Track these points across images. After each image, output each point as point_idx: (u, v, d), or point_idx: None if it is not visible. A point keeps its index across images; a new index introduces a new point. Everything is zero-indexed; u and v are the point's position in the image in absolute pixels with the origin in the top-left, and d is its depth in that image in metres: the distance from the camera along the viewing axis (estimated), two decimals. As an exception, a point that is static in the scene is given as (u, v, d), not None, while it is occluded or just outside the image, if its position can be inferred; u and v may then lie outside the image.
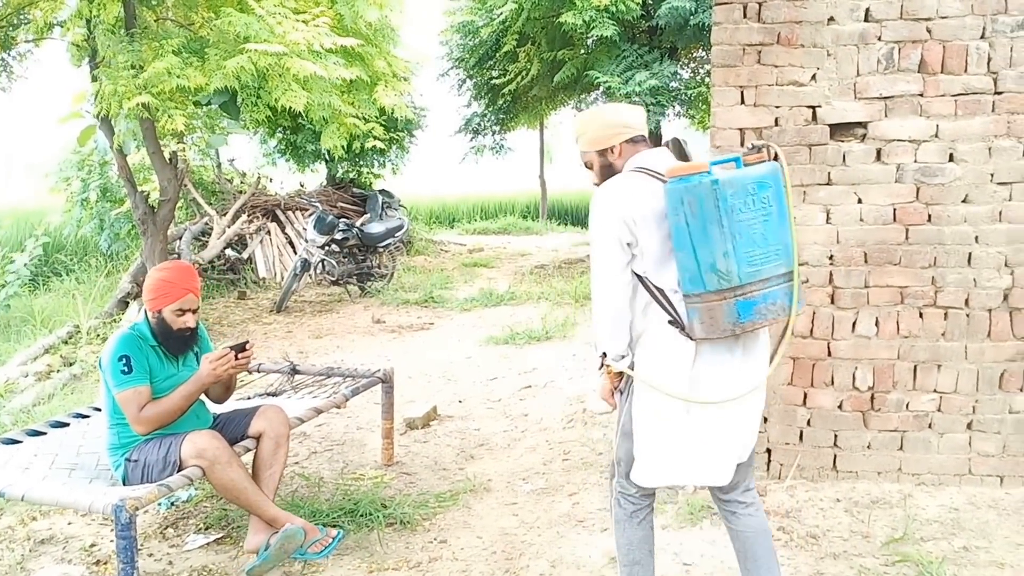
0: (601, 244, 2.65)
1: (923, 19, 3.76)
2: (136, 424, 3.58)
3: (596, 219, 2.68)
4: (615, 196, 2.65)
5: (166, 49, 7.15)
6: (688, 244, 2.50)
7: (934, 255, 3.85)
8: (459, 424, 5.63)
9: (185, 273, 3.78)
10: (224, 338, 8.31)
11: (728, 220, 2.45)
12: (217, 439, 3.58)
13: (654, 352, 2.68)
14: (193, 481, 3.52)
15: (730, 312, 2.50)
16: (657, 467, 2.71)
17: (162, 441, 3.60)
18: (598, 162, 2.83)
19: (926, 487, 3.98)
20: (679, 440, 2.67)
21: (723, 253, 2.47)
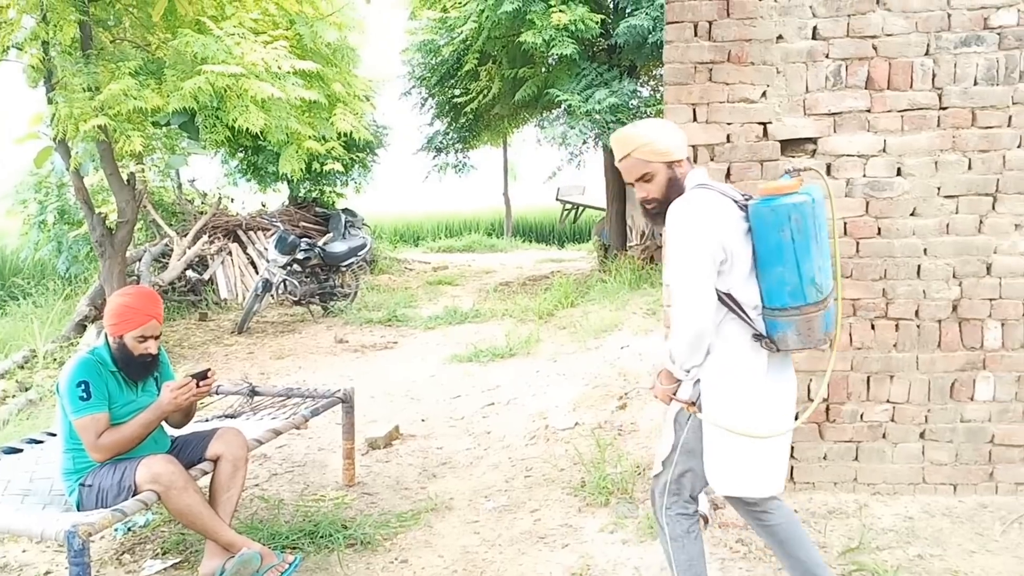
0: (695, 261, 2.64)
1: (869, 37, 3.84)
2: (94, 451, 3.53)
3: (690, 235, 2.66)
4: (709, 214, 2.66)
5: (123, 71, 7.10)
6: (793, 259, 2.61)
7: (884, 267, 3.92)
8: (422, 443, 5.61)
9: (148, 299, 3.75)
10: (185, 360, 8.23)
11: (821, 236, 2.64)
12: (173, 463, 3.54)
13: (730, 366, 2.73)
14: (148, 506, 3.48)
15: (822, 322, 2.68)
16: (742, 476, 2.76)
17: (117, 466, 3.56)
18: (665, 174, 2.80)
19: (881, 496, 4.03)
20: (760, 451, 2.74)
21: (819, 267, 2.63)
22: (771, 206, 2.62)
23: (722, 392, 2.73)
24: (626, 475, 4.47)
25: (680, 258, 2.66)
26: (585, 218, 19.55)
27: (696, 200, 2.69)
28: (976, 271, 3.88)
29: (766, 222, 2.63)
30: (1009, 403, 3.93)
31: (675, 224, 2.69)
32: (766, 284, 2.68)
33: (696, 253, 2.64)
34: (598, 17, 10.30)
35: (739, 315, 2.71)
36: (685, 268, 2.65)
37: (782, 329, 2.67)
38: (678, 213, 2.69)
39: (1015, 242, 3.85)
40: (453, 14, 11.24)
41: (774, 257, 2.64)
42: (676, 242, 2.67)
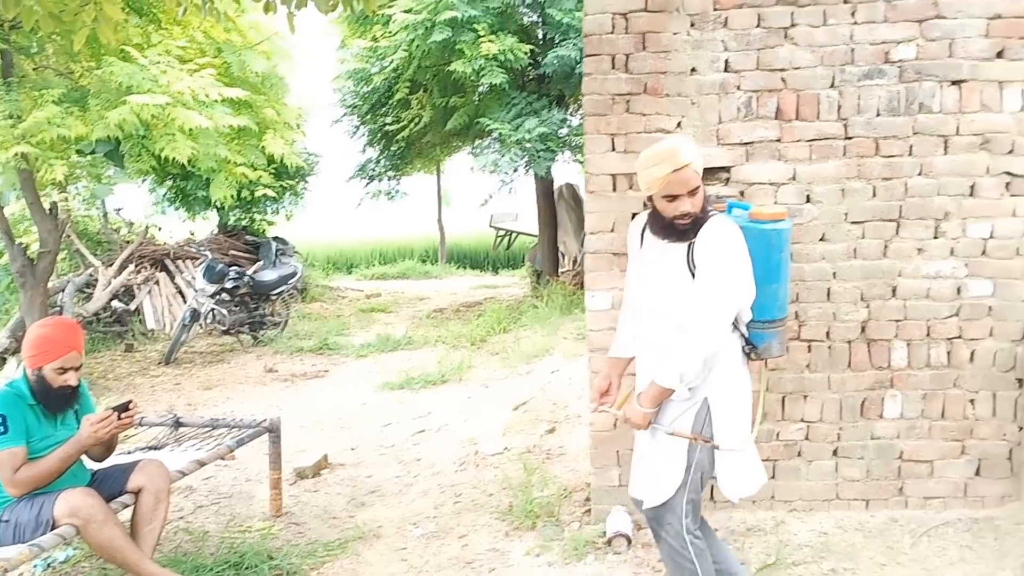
0: (736, 286, 2.82)
1: (778, 70, 4.00)
2: (10, 486, 3.47)
3: (736, 260, 2.81)
4: (742, 240, 2.86)
5: (46, 99, 6.99)
6: (783, 276, 2.97)
7: (796, 291, 4.06)
8: (351, 472, 5.59)
9: (68, 330, 3.70)
10: (109, 392, 8.07)
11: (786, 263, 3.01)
12: (92, 497, 3.50)
13: (733, 377, 2.95)
14: (67, 540, 3.43)
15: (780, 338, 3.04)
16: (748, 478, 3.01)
17: (35, 500, 3.50)
18: (703, 190, 2.89)
19: (798, 513, 4.16)
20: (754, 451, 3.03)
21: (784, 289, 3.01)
22: (776, 228, 2.92)
23: (733, 410, 2.94)
24: (553, 498, 4.53)
25: (723, 281, 2.80)
26: (519, 244, 19.69)
27: (735, 228, 2.87)
28: (882, 294, 4.05)
29: (771, 244, 2.92)
30: (916, 420, 4.09)
31: (724, 247, 2.82)
32: (760, 300, 2.91)
33: (738, 279, 2.83)
34: (527, 47, 10.45)
35: (737, 328, 2.96)
36: (724, 291, 2.80)
37: (768, 340, 2.98)
38: (725, 236, 2.83)
39: (918, 265, 4.02)
40: (383, 43, 11.30)
41: (772, 275, 2.93)
42: (721, 265, 2.80)
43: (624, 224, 4.05)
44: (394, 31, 10.68)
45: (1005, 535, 3.90)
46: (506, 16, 10.77)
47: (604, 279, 4.10)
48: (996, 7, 3.90)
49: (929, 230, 4.01)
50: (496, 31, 10.41)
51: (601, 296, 4.11)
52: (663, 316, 2.95)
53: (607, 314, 4.08)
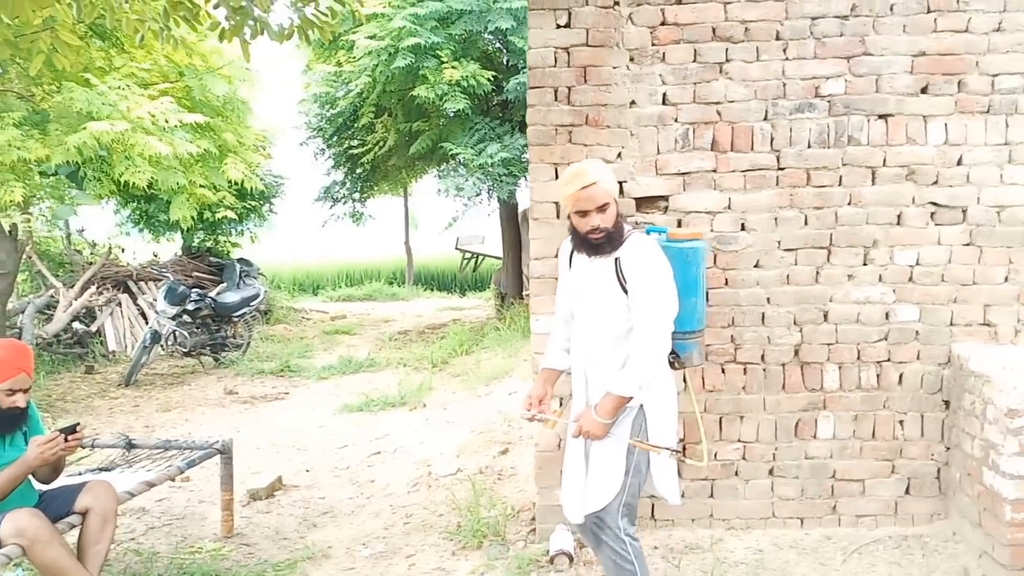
0: (668, 293, 3.07)
1: (713, 103, 4.16)
2: None
3: (663, 272, 3.07)
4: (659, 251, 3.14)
5: (6, 121, 7.05)
6: (701, 290, 3.36)
7: (732, 315, 4.21)
8: (304, 493, 5.65)
9: (18, 351, 3.75)
10: (68, 415, 8.05)
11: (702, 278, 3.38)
12: (38, 517, 3.54)
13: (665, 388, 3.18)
14: (12, 559, 3.46)
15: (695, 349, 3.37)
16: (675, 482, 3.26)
17: (-20, 520, 3.53)
18: (615, 208, 3.10)
19: (735, 531, 4.28)
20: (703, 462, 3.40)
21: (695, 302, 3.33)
22: (692, 247, 3.31)
23: (665, 414, 3.16)
24: (500, 518, 4.61)
25: (657, 290, 3.03)
26: (485, 267, 19.83)
27: (652, 243, 3.14)
28: (815, 318, 4.21)
29: (688, 260, 3.28)
30: (848, 440, 4.24)
31: (650, 260, 3.06)
32: (681, 312, 3.19)
33: (669, 286, 3.08)
34: (489, 74, 10.62)
35: None
36: (660, 299, 3.03)
37: (689, 349, 3.32)
38: (649, 251, 3.08)
39: (848, 291, 4.19)
40: (348, 68, 11.43)
41: (692, 289, 3.28)
42: (652, 276, 3.03)
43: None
44: (358, 56, 10.82)
45: (933, 552, 4.04)
46: (469, 43, 10.94)
47: (548, 303, 4.22)
48: (920, 45, 4.09)
49: (859, 257, 4.18)
50: (459, 57, 10.58)
51: (546, 320, 4.22)
52: (597, 328, 3.14)
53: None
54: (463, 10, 10.46)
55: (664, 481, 3.21)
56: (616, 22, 4.15)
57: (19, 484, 3.64)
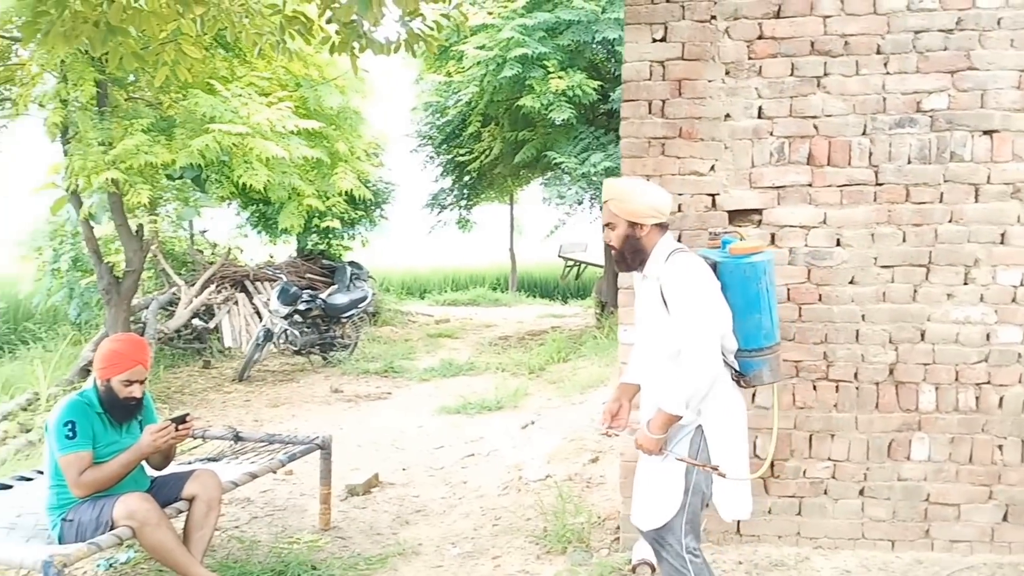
0: (708, 314, 3.01)
1: (810, 117, 4.13)
2: (75, 488, 3.78)
3: (699, 291, 3.03)
4: (707, 272, 3.10)
5: (136, 127, 7.50)
6: (768, 305, 3.14)
7: (825, 332, 4.16)
8: (399, 491, 5.82)
9: (136, 345, 4.03)
10: (184, 406, 8.49)
11: (771, 293, 3.18)
12: (148, 501, 3.79)
13: (725, 405, 3.14)
14: (123, 540, 3.72)
15: (770, 365, 3.20)
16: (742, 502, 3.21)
17: (96, 502, 3.80)
18: (624, 229, 3.16)
19: (823, 550, 4.22)
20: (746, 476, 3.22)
21: (769, 319, 3.16)
22: (751, 262, 3.13)
23: (726, 434, 3.12)
24: (585, 525, 4.67)
25: (694, 312, 3.00)
26: (588, 275, 19.84)
27: (693, 262, 3.09)
28: (911, 337, 4.12)
29: (746, 276, 3.13)
30: (943, 463, 4.13)
31: (681, 283, 3.04)
32: (744, 330, 3.13)
33: (707, 307, 3.02)
34: (595, 84, 10.69)
35: (725, 359, 3.12)
36: (700, 320, 2.99)
37: (758, 367, 3.16)
38: (682, 274, 3.05)
39: (947, 310, 4.09)
40: (457, 77, 11.68)
41: (753, 306, 3.13)
42: (686, 299, 3.02)
43: (657, 262, 4.22)
44: (467, 66, 11.04)
45: (1032, 582, 3.91)
46: (576, 53, 11.03)
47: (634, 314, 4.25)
48: (1029, 59, 3.97)
49: (959, 276, 4.07)
50: (566, 67, 10.68)
51: (633, 331, 4.25)
52: (651, 346, 3.19)
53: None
54: (571, 21, 10.56)
55: (725, 504, 3.18)
56: (712, 36, 4.17)
57: (133, 469, 3.91)
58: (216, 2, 4.67)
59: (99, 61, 7.63)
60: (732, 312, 3.13)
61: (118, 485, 3.88)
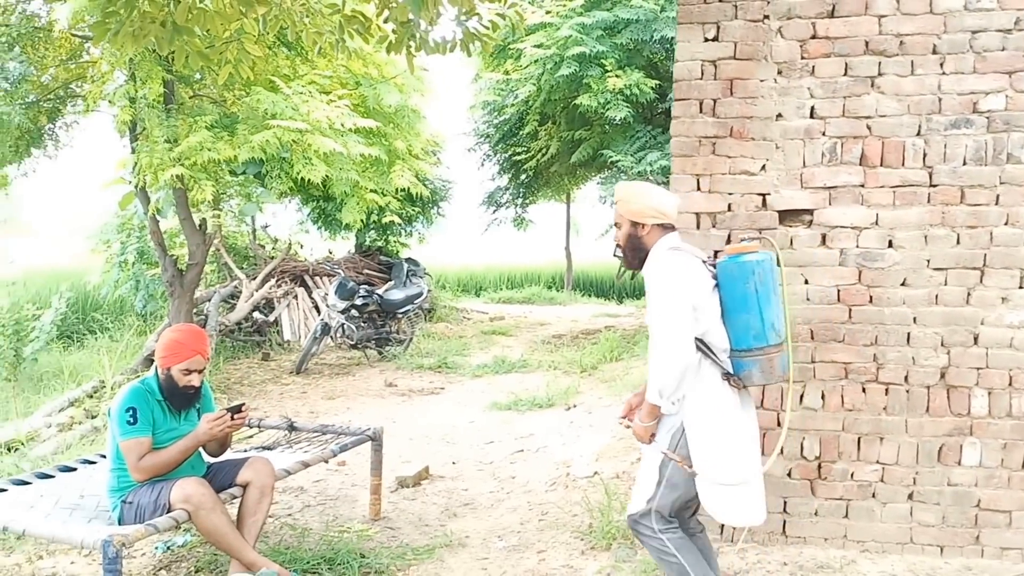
0: (675, 308, 3.12)
1: (863, 117, 4.10)
2: (134, 472, 3.92)
3: (669, 286, 3.16)
4: (685, 268, 3.20)
5: (200, 124, 7.71)
6: (756, 307, 3.16)
7: (875, 334, 4.13)
8: (449, 484, 5.90)
9: (195, 336, 4.17)
10: (243, 397, 8.69)
11: (779, 290, 3.23)
12: (204, 486, 3.92)
13: (705, 404, 3.21)
14: (179, 523, 3.85)
15: (781, 362, 3.23)
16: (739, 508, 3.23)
17: (155, 486, 3.94)
18: (627, 229, 3.36)
19: (869, 554, 4.19)
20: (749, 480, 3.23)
21: (777, 315, 3.20)
22: (738, 262, 3.18)
23: (706, 434, 3.17)
24: (630, 522, 4.69)
25: (661, 307, 3.15)
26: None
27: (670, 259, 3.23)
28: (964, 340, 4.06)
29: (734, 276, 3.18)
30: (995, 469, 4.07)
31: (654, 279, 3.21)
32: (733, 329, 3.21)
33: (676, 302, 3.13)
34: (653, 82, 10.66)
35: (711, 357, 3.21)
36: (665, 315, 3.13)
37: (747, 368, 3.19)
38: (656, 270, 3.23)
39: (1001, 314, 4.02)
40: (514, 76, 11.74)
41: (740, 305, 3.18)
42: (657, 294, 3.18)
43: (705, 261, 4.23)
44: (524, 65, 11.10)
45: (1086, 593, 3.83)
46: (634, 52, 11.02)
47: (684, 313, 4.27)
48: (1092, 59, 3.89)
49: (1014, 280, 4.01)
50: (624, 66, 10.68)
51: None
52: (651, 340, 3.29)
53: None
54: (630, 19, 10.55)
55: (712, 502, 3.22)
56: (765, 36, 4.16)
57: (190, 456, 4.04)
58: (278, 2, 4.80)
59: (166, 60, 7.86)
60: (724, 311, 3.22)
61: (176, 470, 4.02)
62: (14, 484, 4.23)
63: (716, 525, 4.32)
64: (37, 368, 8.75)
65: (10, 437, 6.40)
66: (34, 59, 7.94)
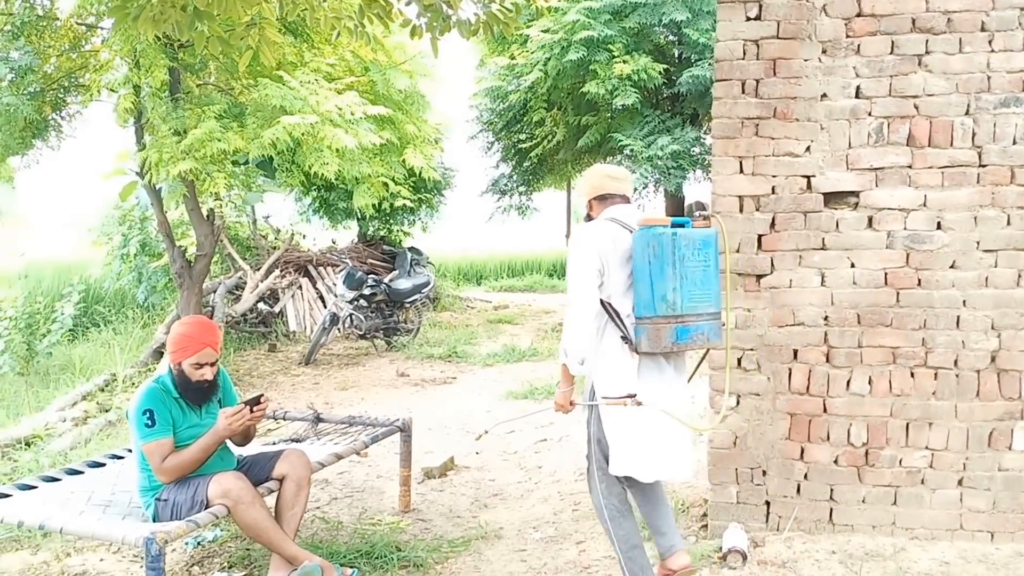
0: (580, 271, 3.42)
1: (911, 96, 4.01)
2: (159, 474, 3.82)
3: (576, 252, 3.46)
4: (591, 235, 3.49)
5: (208, 114, 7.56)
6: (648, 278, 3.35)
7: (924, 318, 4.05)
8: (475, 475, 5.82)
9: (204, 328, 4.05)
10: (254, 389, 8.60)
11: (679, 264, 3.33)
12: (242, 480, 3.82)
13: (608, 364, 3.46)
14: (219, 519, 3.76)
15: (670, 334, 3.35)
16: (632, 460, 3.48)
17: (190, 482, 3.85)
18: (585, 211, 3.76)
19: (919, 541, 4.12)
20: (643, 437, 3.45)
21: (672, 288, 3.33)
22: (640, 234, 3.40)
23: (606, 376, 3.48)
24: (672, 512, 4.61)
25: (568, 271, 3.51)
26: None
27: (586, 228, 3.56)
28: (1015, 323, 3.98)
29: (637, 246, 3.42)
30: (1048, 454, 4.00)
31: (571, 246, 3.55)
32: (635, 297, 3.44)
33: (580, 265, 3.44)
34: (661, 67, 10.57)
35: (613, 320, 3.44)
36: (572, 277, 3.47)
37: (639, 334, 3.40)
38: (573, 237, 3.58)
39: (1054, 296, 3.95)
40: (520, 61, 11.62)
41: (639, 275, 3.41)
42: (569, 260, 3.51)
43: (750, 245, 4.14)
44: (531, 50, 10.98)
45: None
46: (641, 36, 10.91)
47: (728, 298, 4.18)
48: None
49: (1067, 261, 3.93)
50: (631, 51, 10.57)
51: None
52: None
53: (731, 333, 4.16)
54: (637, 3, 10.46)
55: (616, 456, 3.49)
56: (808, 14, 4.07)
57: (212, 452, 3.93)
58: (297, -14, 4.69)
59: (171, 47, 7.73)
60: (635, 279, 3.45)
61: (206, 465, 3.93)
62: (44, 481, 4.13)
63: (761, 513, 4.25)
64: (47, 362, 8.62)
65: (27, 433, 6.28)
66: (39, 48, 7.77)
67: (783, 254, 4.15)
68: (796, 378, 4.16)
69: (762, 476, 4.23)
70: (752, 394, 4.21)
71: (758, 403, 4.21)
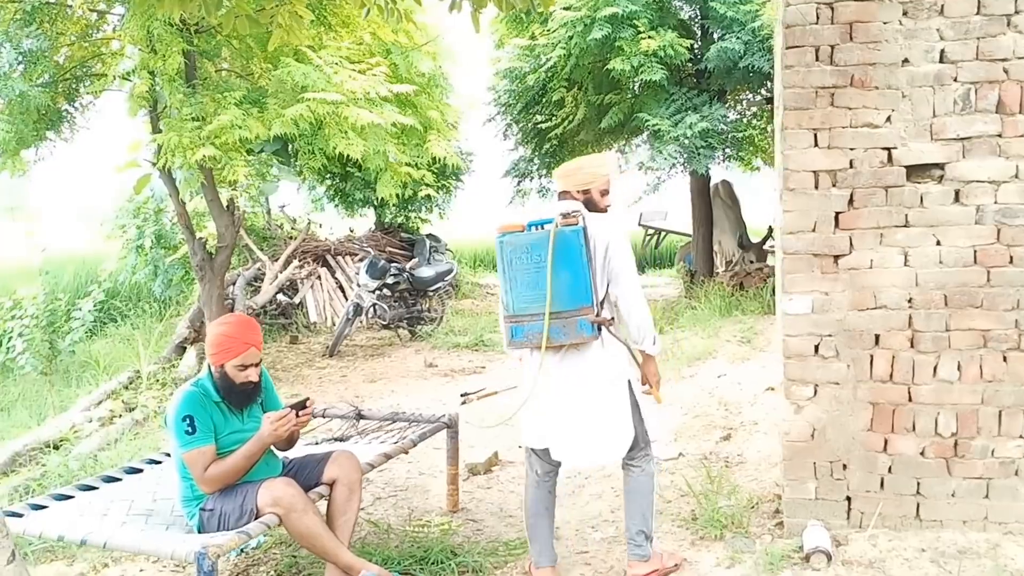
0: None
1: (999, 60, 3.72)
2: (201, 484, 3.58)
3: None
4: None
5: (228, 100, 7.28)
6: (505, 279, 3.64)
7: (1017, 297, 3.76)
8: (520, 469, 5.55)
9: (246, 327, 3.78)
10: (279, 383, 8.35)
11: (508, 268, 3.60)
12: (292, 487, 3.58)
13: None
14: (270, 528, 3.52)
15: (508, 332, 3.71)
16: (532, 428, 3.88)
17: (237, 490, 3.61)
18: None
19: (1014, 536, 3.85)
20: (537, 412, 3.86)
21: (506, 291, 3.64)
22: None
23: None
24: (739, 508, 4.35)
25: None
26: (667, 243, 19.40)
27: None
28: (1118, 302, 3.71)
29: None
30: None
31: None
32: None
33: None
34: (687, 42, 10.24)
35: None
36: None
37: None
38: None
39: None
40: (541, 41, 11.29)
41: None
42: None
43: (826, 223, 3.87)
44: (553, 28, 10.66)
45: None
46: (665, 11, 10.59)
47: (803, 282, 3.91)
48: None
49: None
50: (655, 27, 10.25)
51: (800, 300, 3.91)
52: None
53: (806, 319, 3.90)
54: (663, -24, 10.12)
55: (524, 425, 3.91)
56: (888, -27, 3.77)
57: (257, 460, 3.68)
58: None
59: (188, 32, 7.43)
60: None
61: (253, 472, 3.68)
62: (81, 490, 3.88)
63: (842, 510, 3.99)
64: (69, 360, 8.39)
65: (54, 435, 6.05)
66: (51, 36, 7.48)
67: (863, 232, 3.86)
68: (878, 365, 3.88)
69: (842, 470, 3.97)
70: (831, 383, 3.94)
71: (837, 392, 3.94)
